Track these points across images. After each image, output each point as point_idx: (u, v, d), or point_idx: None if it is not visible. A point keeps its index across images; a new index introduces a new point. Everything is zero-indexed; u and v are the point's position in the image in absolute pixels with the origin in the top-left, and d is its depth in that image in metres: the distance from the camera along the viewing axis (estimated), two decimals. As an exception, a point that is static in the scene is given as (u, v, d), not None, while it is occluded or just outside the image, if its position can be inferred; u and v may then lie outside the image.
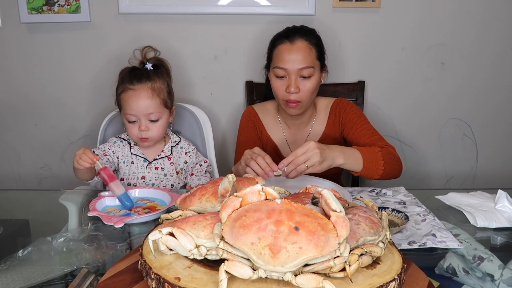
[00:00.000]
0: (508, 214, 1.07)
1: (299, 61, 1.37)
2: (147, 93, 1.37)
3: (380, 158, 1.25)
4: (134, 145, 1.48)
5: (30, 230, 1.15)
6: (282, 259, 0.58)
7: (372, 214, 0.75)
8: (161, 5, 1.83)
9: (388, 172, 1.28)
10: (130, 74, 1.41)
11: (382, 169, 1.25)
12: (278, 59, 1.40)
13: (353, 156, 1.22)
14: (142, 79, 1.38)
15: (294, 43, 1.38)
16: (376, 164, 1.24)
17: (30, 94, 1.95)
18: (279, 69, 1.39)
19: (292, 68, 1.37)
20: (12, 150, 2.03)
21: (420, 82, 1.97)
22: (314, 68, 1.40)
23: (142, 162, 1.47)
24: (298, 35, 1.39)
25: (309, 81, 1.39)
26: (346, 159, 1.20)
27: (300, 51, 1.37)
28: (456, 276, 0.85)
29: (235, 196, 0.67)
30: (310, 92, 1.41)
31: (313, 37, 1.42)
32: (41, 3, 1.81)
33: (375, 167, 1.25)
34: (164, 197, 1.19)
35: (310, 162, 1.12)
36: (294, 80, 1.38)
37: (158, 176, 1.47)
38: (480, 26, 1.90)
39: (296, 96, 1.39)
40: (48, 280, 0.82)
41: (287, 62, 1.38)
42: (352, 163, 1.22)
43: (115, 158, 1.45)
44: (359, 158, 1.22)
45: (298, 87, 1.38)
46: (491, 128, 2.03)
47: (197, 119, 1.67)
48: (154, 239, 0.69)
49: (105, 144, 1.47)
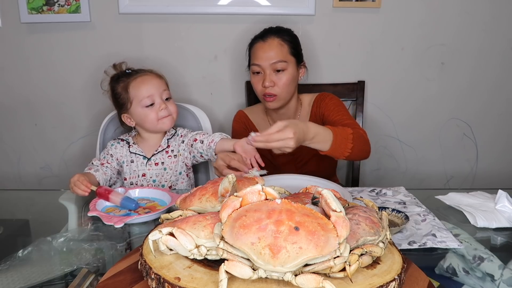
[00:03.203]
0: (508, 214, 1.06)
1: (271, 56, 1.45)
2: (152, 75, 1.45)
3: (350, 141, 1.25)
4: (133, 143, 1.49)
5: (30, 230, 1.15)
6: (282, 259, 0.58)
7: (372, 214, 0.75)
8: (161, 5, 1.83)
9: (355, 153, 1.28)
10: (125, 73, 1.45)
11: (350, 151, 1.25)
12: (253, 57, 1.50)
13: (323, 138, 1.21)
14: (139, 71, 1.45)
15: (266, 41, 1.47)
16: (345, 145, 1.24)
17: (30, 94, 1.95)
18: (254, 65, 1.49)
19: (265, 63, 1.46)
20: (12, 150, 2.03)
21: (420, 82, 1.97)
22: (287, 62, 1.46)
23: (141, 159, 1.47)
24: (270, 34, 1.48)
25: (283, 75, 1.46)
26: (316, 137, 1.19)
27: (272, 47, 1.46)
28: (456, 276, 0.85)
29: (235, 196, 0.67)
30: (285, 86, 1.47)
31: (286, 35, 1.50)
32: (41, 3, 1.81)
33: (343, 148, 1.24)
34: (164, 197, 1.19)
35: (282, 146, 1.12)
36: (269, 74, 1.46)
37: (158, 172, 1.48)
38: (480, 26, 1.90)
39: (272, 89, 1.47)
40: (48, 280, 0.82)
41: (261, 58, 1.46)
42: (320, 144, 1.22)
43: (114, 161, 1.46)
44: (329, 140, 1.22)
45: (273, 81, 1.46)
46: (491, 128, 2.03)
47: (197, 119, 1.67)
48: (154, 239, 0.69)
49: (104, 151, 1.49)
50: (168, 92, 1.46)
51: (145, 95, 1.40)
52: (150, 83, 1.42)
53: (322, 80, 1.93)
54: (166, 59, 1.92)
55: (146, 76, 1.43)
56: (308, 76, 1.93)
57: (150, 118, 1.42)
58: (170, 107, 1.45)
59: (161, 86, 1.43)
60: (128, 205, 1.11)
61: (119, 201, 1.13)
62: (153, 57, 1.90)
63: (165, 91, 1.44)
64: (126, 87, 1.42)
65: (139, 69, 1.47)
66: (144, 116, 1.42)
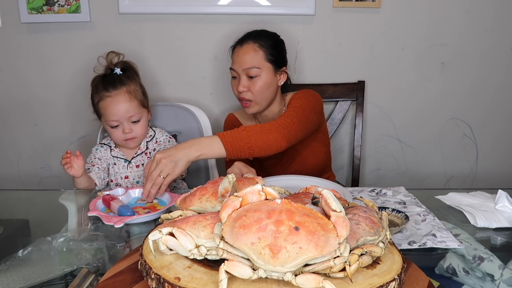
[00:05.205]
0: (508, 214, 1.06)
1: (244, 61, 1.45)
2: (124, 97, 1.41)
3: (245, 136, 1.23)
4: (114, 147, 1.52)
5: (30, 230, 1.15)
6: (282, 259, 0.58)
7: (372, 214, 0.75)
8: (161, 5, 1.83)
9: (261, 146, 1.24)
10: (103, 82, 1.43)
11: (250, 146, 1.22)
12: (232, 61, 1.51)
13: (209, 144, 1.21)
14: (116, 84, 1.41)
15: (242, 46, 1.47)
16: (242, 142, 1.22)
17: (30, 93, 1.95)
18: (231, 70, 1.50)
19: (239, 68, 1.46)
20: (12, 150, 2.03)
21: (420, 82, 1.97)
22: (261, 68, 1.45)
23: (122, 162, 1.51)
24: (249, 38, 1.47)
25: (257, 81, 1.45)
26: (201, 150, 1.19)
27: (246, 53, 1.45)
28: (456, 276, 0.85)
29: (235, 196, 0.67)
30: (259, 92, 1.46)
31: (266, 40, 1.47)
32: (41, 3, 1.81)
33: (243, 147, 1.22)
34: (164, 197, 1.19)
35: (164, 172, 1.14)
36: (242, 80, 1.46)
37: (140, 174, 1.51)
38: (480, 26, 1.90)
39: (246, 94, 1.47)
40: (48, 280, 0.82)
41: (235, 62, 1.48)
42: (211, 152, 1.21)
43: (104, 162, 1.50)
44: (217, 144, 1.21)
45: (247, 86, 1.46)
46: (491, 128, 2.03)
47: (197, 119, 1.67)
48: (154, 239, 0.69)
49: (90, 156, 1.51)
50: (138, 115, 1.43)
51: (111, 118, 1.41)
52: (118, 108, 1.40)
53: (322, 80, 1.93)
54: (166, 59, 1.92)
55: (118, 97, 1.39)
56: (308, 76, 1.94)
57: (115, 137, 1.46)
58: (136, 131, 1.44)
59: (129, 111, 1.41)
60: (124, 212, 1.11)
61: (117, 207, 1.12)
62: (153, 57, 1.90)
63: (133, 116, 1.42)
64: (98, 101, 1.42)
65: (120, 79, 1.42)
66: (110, 133, 1.47)
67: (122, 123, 1.42)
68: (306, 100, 1.46)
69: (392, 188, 1.29)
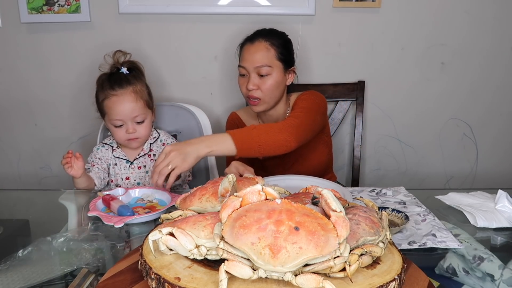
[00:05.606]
0: (508, 214, 1.06)
1: (256, 59, 1.43)
2: (130, 96, 1.40)
3: (256, 135, 1.24)
4: (117, 148, 1.51)
5: (30, 230, 1.15)
6: (282, 259, 0.58)
7: (372, 214, 0.75)
8: (161, 5, 1.83)
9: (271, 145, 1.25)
10: (109, 80, 1.42)
11: (260, 145, 1.23)
12: (241, 58, 1.49)
13: (219, 141, 1.21)
14: (123, 83, 1.40)
15: (253, 43, 1.45)
16: (252, 141, 1.23)
17: (30, 93, 1.95)
18: (240, 67, 1.48)
19: (250, 66, 1.44)
20: (12, 150, 2.03)
21: (420, 82, 1.97)
22: (272, 67, 1.44)
23: (124, 163, 1.50)
24: (259, 36, 1.46)
25: (267, 79, 1.44)
26: (212, 146, 1.20)
27: (258, 51, 1.43)
28: (456, 276, 0.85)
29: (235, 196, 0.67)
30: (269, 90, 1.45)
31: (276, 39, 1.47)
32: (41, 3, 1.81)
33: (253, 145, 1.23)
34: (164, 197, 1.19)
35: (172, 164, 1.14)
36: (253, 77, 1.44)
37: (141, 175, 1.50)
38: (480, 26, 1.90)
39: (255, 93, 1.45)
40: (48, 280, 0.82)
41: (246, 60, 1.45)
42: (221, 149, 1.21)
43: (104, 163, 1.49)
44: (228, 141, 1.21)
45: (257, 84, 1.44)
46: (491, 128, 2.03)
47: (197, 119, 1.67)
48: (154, 239, 0.69)
49: (91, 155, 1.51)
50: (143, 115, 1.43)
51: (115, 117, 1.40)
52: (123, 107, 1.39)
53: (322, 80, 1.93)
54: (166, 59, 1.92)
55: (124, 97, 1.39)
56: (308, 76, 1.94)
57: (118, 136, 1.45)
58: (140, 131, 1.44)
59: (135, 111, 1.40)
60: (124, 212, 1.11)
61: (116, 207, 1.12)
62: (153, 57, 1.90)
63: (138, 116, 1.41)
64: (104, 99, 1.41)
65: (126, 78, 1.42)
66: (113, 132, 1.45)
67: (126, 123, 1.41)
68: (312, 101, 1.46)
69: (392, 188, 1.29)
